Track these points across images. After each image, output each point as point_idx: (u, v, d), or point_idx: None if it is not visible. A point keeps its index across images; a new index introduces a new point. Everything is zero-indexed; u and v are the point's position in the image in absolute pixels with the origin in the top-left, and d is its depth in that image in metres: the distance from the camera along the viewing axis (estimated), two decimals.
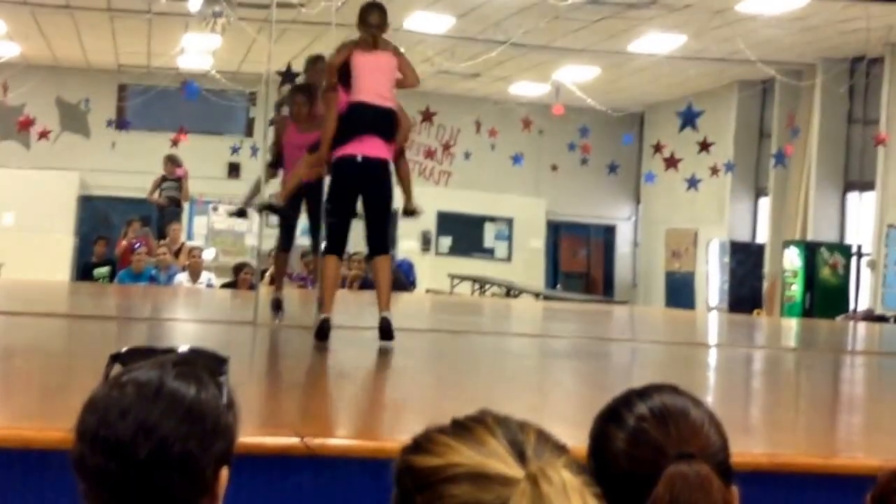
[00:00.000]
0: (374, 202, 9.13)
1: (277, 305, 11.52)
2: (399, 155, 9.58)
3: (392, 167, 9.26)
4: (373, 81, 9.12)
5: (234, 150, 25.70)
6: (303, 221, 11.77)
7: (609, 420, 2.38)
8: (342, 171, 9.08)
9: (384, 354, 8.84)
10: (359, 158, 8.94)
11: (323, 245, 10.19)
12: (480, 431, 1.81)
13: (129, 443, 2.02)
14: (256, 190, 12.20)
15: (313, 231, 11.50)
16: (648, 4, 19.59)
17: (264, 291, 12.16)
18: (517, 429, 1.83)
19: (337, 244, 9.29)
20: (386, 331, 8.82)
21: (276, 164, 11.72)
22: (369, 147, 8.98)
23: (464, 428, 1.82)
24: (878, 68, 22.17)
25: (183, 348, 2.29)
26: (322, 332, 8.90)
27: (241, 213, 12.37)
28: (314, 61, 11.38)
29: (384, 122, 9.08)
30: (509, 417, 1.85)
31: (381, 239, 9.25)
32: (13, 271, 21.20)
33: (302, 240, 12.51)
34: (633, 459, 2.30)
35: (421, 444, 1.83)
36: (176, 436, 2.03)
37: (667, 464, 2.26)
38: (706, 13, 19.75)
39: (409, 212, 9.84)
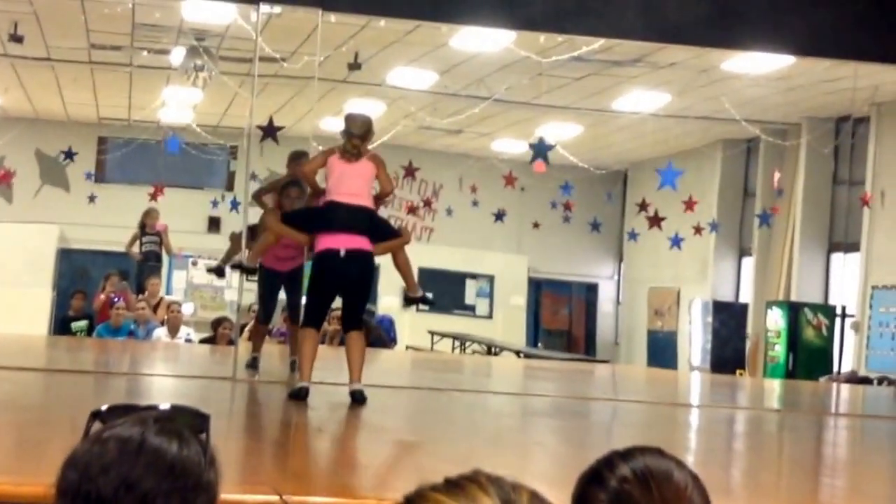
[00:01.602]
0: (355, 292, 9.31)
1: (254, 365, 11.58)
2: (397, 249, 9.73)
3: (373, 258, 9.39)
4: (349, 184, 9.24)
5: (215, 204, 25.73)
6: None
7: (592, 481, 2.38)
8: (323, 265, 9.17)
9: (364, 411, 8.85)
10: (342, 253, 9.01)
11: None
12: (473, 490, 1.81)
13: (110, 499, 2.01)
14: (236, 248, 12.21)
15: (291, 305, 11.68)
16: (633, 62, 19.71)
17: (243, 347, 12.16)
18: (510, 489, 1.83)
19: (315, 319, 9.41)
20: (359, 401, 8.97)
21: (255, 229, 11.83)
22: (351, 240, 9.06)
23: (457, 486, 1.82)
24: (863, 128, 22.30)
25: (164, 405, 2.30)
26: (299, 398, 8.99)
27: (219, 272, 12.37)
28: (296, 157, 11.43)
29: (359, 219, 9.17)
30: (502, 478, 1.85)
31: (356, 316, 9.39)
32: None
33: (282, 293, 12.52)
34: None
35: (413, 501, 1.83)
36: (158, 492, 2.03)
37: None
38: (691, 72, 19.88)
39: (413, 299, 10.02)
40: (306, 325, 9.36)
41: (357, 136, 9.28)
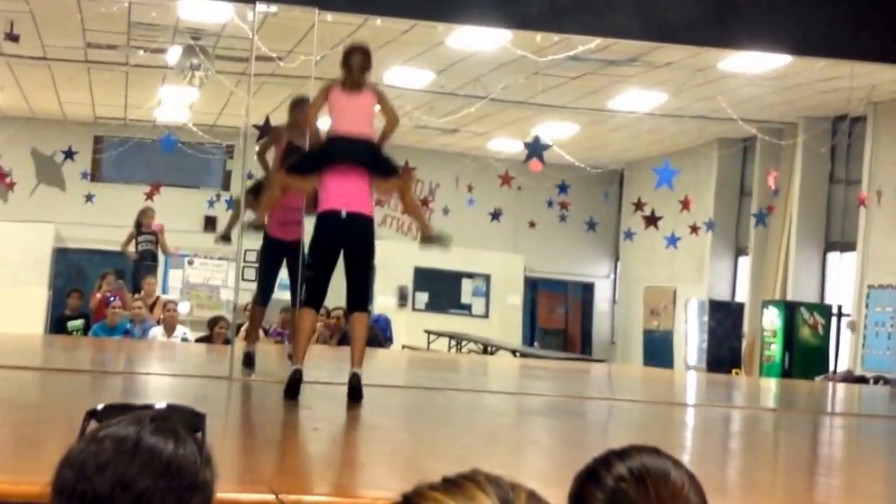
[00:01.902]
0: (357, 258, 9.15)
1: (249, 360, 11.48)
2: (404, 190, 9.66)
3: (374, 225, 9.32)
4: (350, 117, 9.21)
5: (211, 204, 25.72)
6: (282, 276, 11.80)
7: (588, 480, 2.37)
8: (325, 226, 9.09)
9: (359, 410, 8.84)
10: (343, 214, 8.96)
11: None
12: (472, 489, 1.80)
13: (106, 498, 2.01)
14: (238, 213, 12.19)
15: (293, 287, 11.53)
16: (629, 61, 19.71)
17: (239, 346, 12.14)
18: (509, 489, 1.83)
19: (315, 297, 9.29)
20: (355, 388, 8.85)
21: (258, 190, 11.76)
22: (353, 201, 9.00)
23: (455, 485, 1.82)
24: (859, 128, 22.31)
25: (160, 404, 2.30)
26: (293, 384, 8.90)
27: (226, 238, 12.30)
28: (298, 104, 11.40)
29: (360, 150, 9.12)
30: (501, 477, 1.85)
31: (361, 295, 9.25)
32: None
33: (280, 293, 12.48)
34: None
35: (411, 499, 1.83)
36: (154, 491, 2.03)
37: None
38: (687, 71, 19.89)
39: (430, 237, 9.80)
40: (305, 304, 9.30)
41: (357, 67, 9.25)
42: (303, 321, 9.26)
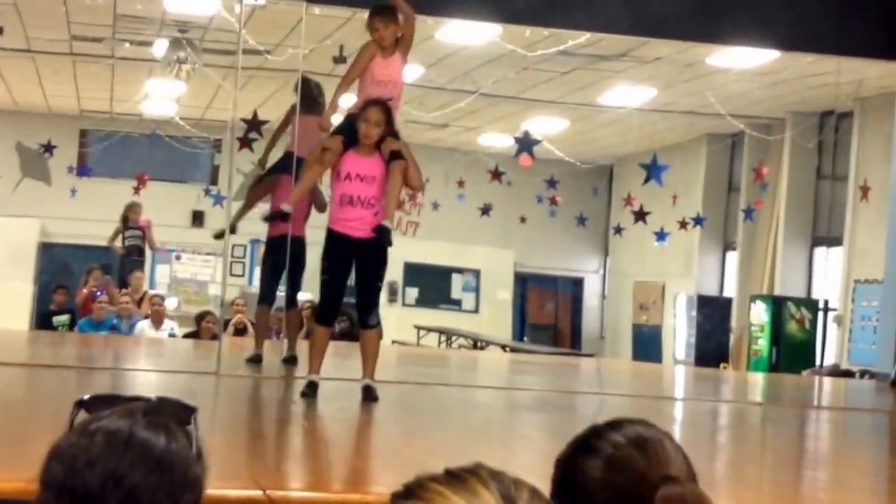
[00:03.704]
0: (369, 272, 9.07)
1: (258, 360, 11.44)
2: (393, 156, 9.05)
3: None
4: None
5: (207, 193, 25.40)
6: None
7: (578, 452, 2.37)
8: (338, 245, 8.98)
9: (349, 406, 8.87)
10: (354, 238, 8.87)
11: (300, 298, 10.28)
12: (474, 482, 1.80)
13: (97, 492, 2.00)
14: (252, 201, 12.09)
15: (293, 284, 11.52)
16: (619, 57, 19.75)
17: (227, 342, 12.13)
18: (511, 484, 1.82)
19: (329, 312, 9.21)
20: (370, 390, 8.86)
21: (273, 170, 11.69)
22: (365, 220, 8.87)
23: (457, 478, 1.81)
24: (847, 123, 22.38)
25: (150, 396, 2.28)
26: (311, 388, 8.92)
27: (231, 229, 12.11)
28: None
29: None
30: (504, 472, 1.85)
31: (369, 310, 9.14)
32: None
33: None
34: (613, 487, 2.28)
35: (413, 490, 1.82)
36: (146, 486, 2.02)
37: (650, 489, 2.23)
38: (676, 66, 19.93)
39: (381, 228, 9.00)
40: (320, 322, 9.24)
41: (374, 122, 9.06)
42: (318, 339, 9.18)
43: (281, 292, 11.90)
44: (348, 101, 9.88)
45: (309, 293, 16.32)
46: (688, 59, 19.23)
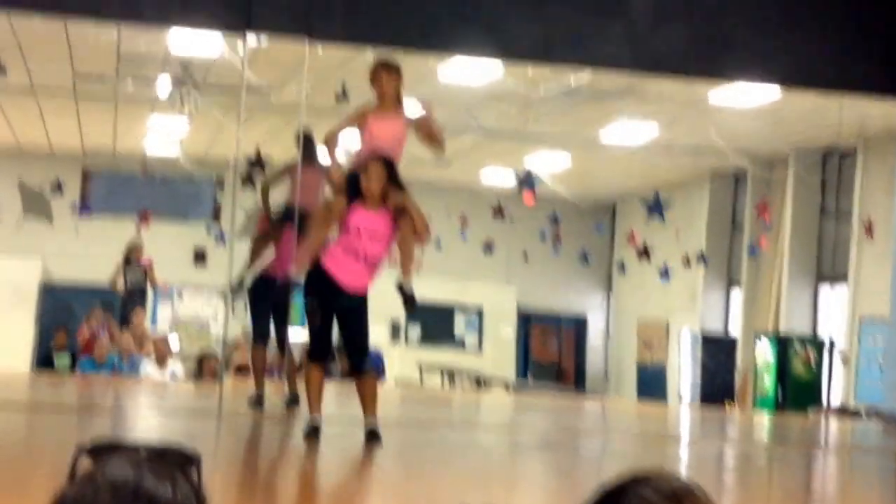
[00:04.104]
0: (352, 327, 9.04)
1: (259, 402, 11.39)
2: (401, 213, 9.12)
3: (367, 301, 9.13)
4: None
5: (201, 236, 25.46)
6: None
7: None
8: (320, 285, 8.96)
9: (351, 447, 8.84)
10: (340, 287, 8.86)
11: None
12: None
13: None
14: (258, 251, 12.06)
15: (279, 326, 11.52)
16: (621, 94, 19.78)
17: (229, 383, 12.11)
18: None
19: (320, 350, 9.17)
20: (373, 433, 8.81)
21: (276, 222, 11.70)
22: (357, 274, 8.87)
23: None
24: (850, 161, 22.40)
25: (153, 442, 2.26)
26: (313, 431, 8.87)
27: (238, 284, 12.09)
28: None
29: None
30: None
31: (360, 357, 9.10)
32: None
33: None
34: None
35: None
36: None
37: None
38: (679, 104, 19.96)
39: (403, 289, 9.24)
40: (312, 360, 9.20)
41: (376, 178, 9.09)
42: (312, 378, 9.11)
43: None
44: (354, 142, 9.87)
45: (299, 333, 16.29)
46: (690, 96, 19.25)
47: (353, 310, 9.01)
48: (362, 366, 9.09)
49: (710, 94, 18.94)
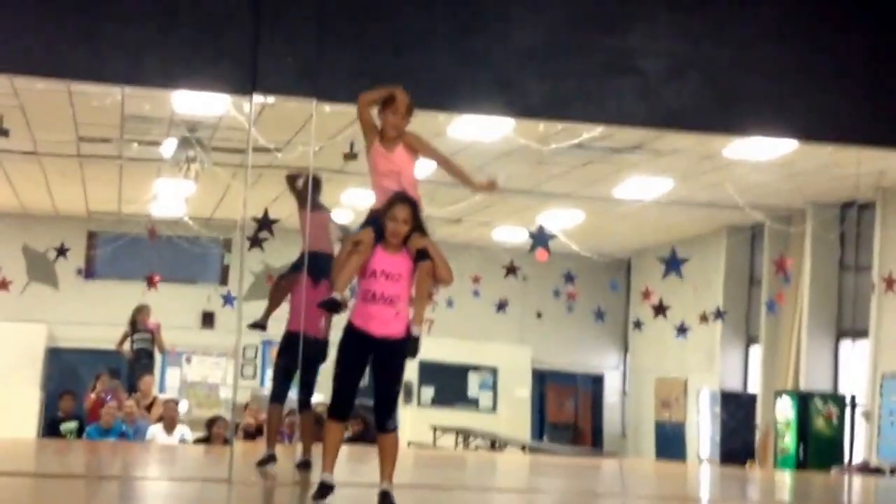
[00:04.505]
0: (385, 376, 8.97)
1: (270, 462, 11.34)
2: (422, 256, 8.95)
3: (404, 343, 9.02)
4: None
5: (209, 300, 25.48)
6: None
7: None
8: (354, 342, 8.91)
9: None
10: (372, 336, 8.81)
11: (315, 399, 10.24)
12: None
13: None
14: (279, 298, 12.03)
15: (306, 385, 11.47)
16: (634, 149, 19.83)
17: (239, 447, 12.08)
18: None
19: (342, 407, 9.03)
20: (386, 497, 8.73)
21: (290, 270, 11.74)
22: (388, 318, 8.82)
23: None
24: (869, 214, 22.39)
25: None
26: (323, 489, 8.80)
27: (262, 326, 12.08)
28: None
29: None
30: None
31: (388, 413, 9.02)
32: None
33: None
34: None
35: None
36: None
37: None
38: (693, 158, 19.99)
39: (409, 334, 8.87)
40: (333, 416, 9.07)
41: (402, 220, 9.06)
42: (331, 436, 8.90)
43: (293, 393, 11.84)
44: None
45: (322, 395, 16.29)
46: (705, 151, 19.29)
47: (389, 357, 8.90)
48: (388, 422, 8.99)
49: (725, 149, 18.98)
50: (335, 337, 9.47)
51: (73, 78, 12.14)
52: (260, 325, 11.95)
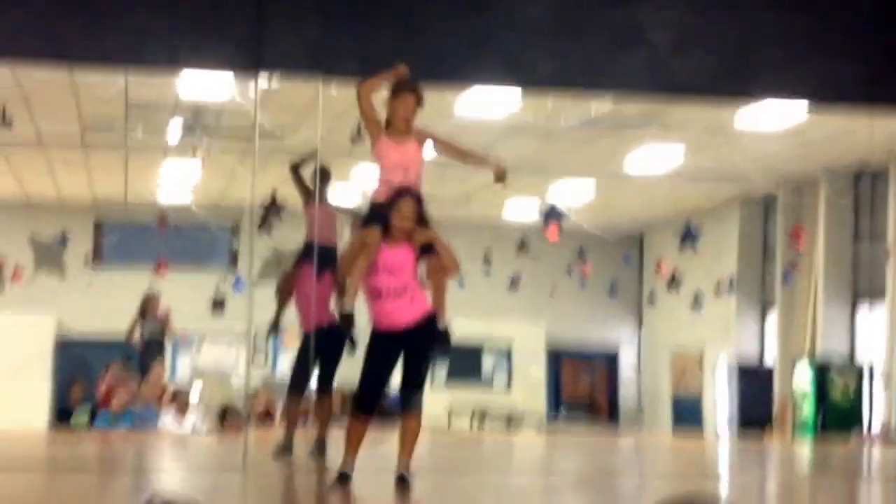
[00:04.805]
0: (415, 356, 8.93)
1: (286, 451, 11.33)
2: (428, 250, 9.05)
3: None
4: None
5: (218, 286, 25.43)
6: None
7: None
8: (382, 344, 8.86)
9: (381, 496, 8.77)
10: (398, 330, 8.78)
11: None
12: None
13: None
14: (285, 299, 12.01)
15: (325, 373, 11.45)
16: (644, 121, 19.73)
17: (252, 436, 12.04)
18: None
19: (368, 403, 9.00)
20: (403, 480, 8.71)
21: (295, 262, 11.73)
22: (404, 305, 8.79)
23: None
24: (882, 180, 22.31)
25: None
26: (343, 479, 8.78)
27: (274, 329, 12.09)
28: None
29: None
30: None
31: (413, 393, 9.00)
32: None
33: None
34: None
35: None
36: None
37: None
38: (704, 129, 19.90)
39: (437, 330, 9.03)
40: (358, 411, 8.99)
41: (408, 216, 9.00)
42: (355, 432, 8.95)
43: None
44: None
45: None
46: (715, 121, 19.20)
47: (417, 341, 8.88)
48: (412, 402, 8.97)
49: (736, 118, 18.89)
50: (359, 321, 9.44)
51: (76, 61, 12.09)
52: (274, 329, 11.98)
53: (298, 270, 11.53)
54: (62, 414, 20.68)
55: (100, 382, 19.85)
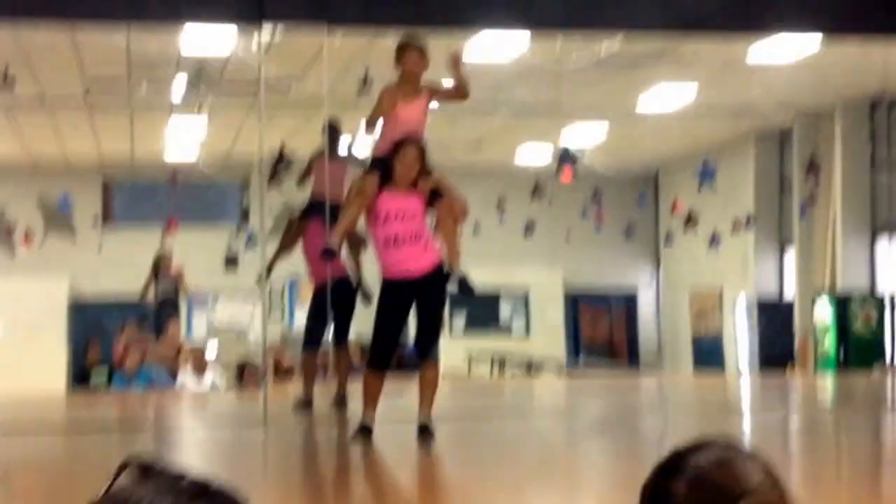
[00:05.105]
0: (429, 304, 9.00)
1: (307, 405, 11.38)
2: (435, 196, 9.11)
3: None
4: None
5: (230, 241, 25.48)
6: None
7: (664, 476, 2.40)
8: (394, 294, 8.92)
9: (404, 445, 8.83)
10: (411, 279, 8.83)
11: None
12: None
13: None
14: (286, 243, 12.06)
15: (340, 326, 11.49)
16: (655, 60, 19.67)
17: (272, 389, 12.11)
18: None
19: (382, 357, 9.08)
20: (425, 428, 8.77)
21: (302, 216, 11.76)
22: (416, 254, 8.83)
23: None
24: None
25: (200, 475, 2.15)
26: (364, 431, 8.84)
27: (268, 271, 12.18)
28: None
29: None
30: None
31: (430, 342, 9.09)
32: (5, 383, 21.17)
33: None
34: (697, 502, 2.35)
35: None
36: None
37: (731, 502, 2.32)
38: (716, 64, 19.83)
39: (455, 278, 9.12)
40: (372, 366, 9.09)
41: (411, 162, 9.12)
42: (372, 386, 9.05)
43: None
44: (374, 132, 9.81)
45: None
46: (727, 55, 19.12)
47: (431, 289, 8.94)
48: (429, 351, 9.06)
49: (749, 52, 18.82)
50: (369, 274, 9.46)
51: (77, 18, 12.08)
52: (267, 273, 12.04)
53: (306, 224, 11.55)
54: (80, 376, 20.76)
55: (116, 343, 19.94)
